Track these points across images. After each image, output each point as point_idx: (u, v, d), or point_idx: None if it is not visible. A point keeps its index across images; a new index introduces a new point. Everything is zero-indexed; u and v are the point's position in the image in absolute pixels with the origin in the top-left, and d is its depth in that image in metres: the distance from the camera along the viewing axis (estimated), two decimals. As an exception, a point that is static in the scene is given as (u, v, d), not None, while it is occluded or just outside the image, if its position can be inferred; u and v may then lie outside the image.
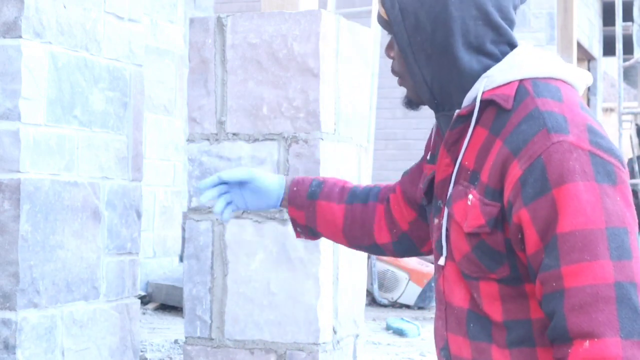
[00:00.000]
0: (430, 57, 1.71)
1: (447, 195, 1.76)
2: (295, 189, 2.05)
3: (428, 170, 1.89)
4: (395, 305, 7.79)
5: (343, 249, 3.33)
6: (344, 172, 3.33)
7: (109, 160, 3.72)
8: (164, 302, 6.89)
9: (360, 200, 2.07)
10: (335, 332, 3.27)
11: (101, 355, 3.67)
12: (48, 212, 3.40)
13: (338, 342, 3.30)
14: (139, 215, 3.90)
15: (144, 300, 6.91)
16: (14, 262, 3.28)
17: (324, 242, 3.18)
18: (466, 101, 1.73)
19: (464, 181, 1.72)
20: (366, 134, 3.56)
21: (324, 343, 3.19)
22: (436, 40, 1.70)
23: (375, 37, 8.30)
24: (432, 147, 1.91)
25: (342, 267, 3.32)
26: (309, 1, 3.44)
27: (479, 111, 1.71)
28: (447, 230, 1.75)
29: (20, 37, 3.31)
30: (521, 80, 1.70)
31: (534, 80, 1.71)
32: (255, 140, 3.25)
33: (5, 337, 3.29)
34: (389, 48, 1.76)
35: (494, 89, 1.70)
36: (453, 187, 1.74)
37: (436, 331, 1.84)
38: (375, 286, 7.79)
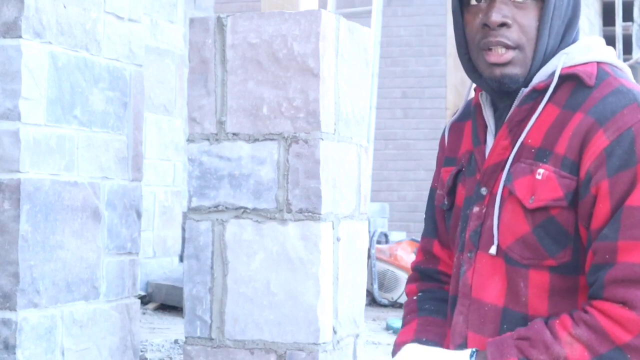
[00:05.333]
0: (560, 26, 1.68)
1: (495, 180, 1.69)
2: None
3: (447, 173, 1.84)
4: (395, 305, 7.78)
5: (343, 249, 3.33)
6: (344, 172, 3.34)
7: (109, 160, 3.72)
8: (164, 302, 6.89)
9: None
10: (335, 332, 3.27)
11: (101, 355, 3.67)
12: (48, 212, 3.40)
13: (338, 342, 3.30)
14: (139, 215, 3.90)
15: (144, 300, 6.91)
16: (14, 262, 3.28)
17: (324, 242, 3.19)
18: (539, 77, 1.69)
19: (526, 159, 1.65)
20: (366, 134, 3.56)
21: (324, 343, 3.19)
22: (570, 7, 1.69)
23: (376, 37, 8.30)
24: (450, 150, 1.85)
25: (342, 267, 3.32)
26: (309, 1, 3.44)
27: (553, 88, 1.67)
28: (499, 213, 1.67)
29: (20, 37, 3.31)
30: (599, 63, 1.69)
31: (610, 65, 1.70)
32: (255, 140, 3.25)
33: (5, 337, 3.29)
34: (504, 16, 1.65)
35: (573, 66, 1.67)
36: (511, 166, 1.67)
37: (454, 327, 1.75)
38: (375, 286, 7.78)
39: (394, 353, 1.83)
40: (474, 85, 1.81)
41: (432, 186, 1.93)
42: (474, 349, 1.64)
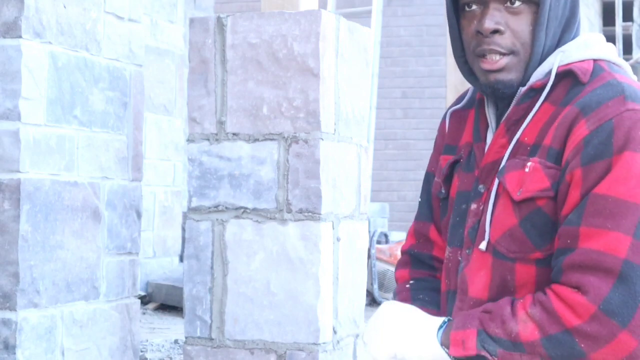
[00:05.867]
0: (557, 27, 1.69)
1: (492, 178, 1.71)
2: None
3: (445, 161, 1.85)
4: (395, 305, 7.77)
5: (343, 249, 3.33)
6: (344, 172, 3.34)
7: (109, 160, 3.72)
8: (164, 302, 6.89)
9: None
10: (335, 332, 3.27)
11: (101, 355, 3.67)
12: (48, 212, 3.40)
13: (338, 342, 3.30)
14: (139, 215, 3.90)
15: (144, 300, 6.91)
16: (14, 262, 3.28)
17: (324, 242, 3.18)
18: (536, 76, 1.70)
19: (521, 156, 1.67)
20: (366, 134, 3.56)
21: (324, 343, 3.19)
22: (567, 7, 1.70)
23: (376, 37, 8.30)
24: (451, 138, 1.86)
25: (342, 267, 3.32)
26: (309, 1, 3.43)
27: (550, 87, 1.67)
28: (492, 208, 1.68)
29: (20, 37, 3.31)
30: (595, 60, 1.69)
31: (607, 62, 1.70)
32: (255, 140, 3.25)
33: (5, 337, 3.29)
34: (497, 23, 1.66)
35: (569, 63, 1.68)
36: (507, 161, 1.68)
37: None
38: (375, 286, 7.78)
39: None
40: None
41: (428, 170, 1.94)
42: (446, 318, 1.68)
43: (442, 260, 1.91)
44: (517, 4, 1.67)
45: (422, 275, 1.94)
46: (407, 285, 1.93)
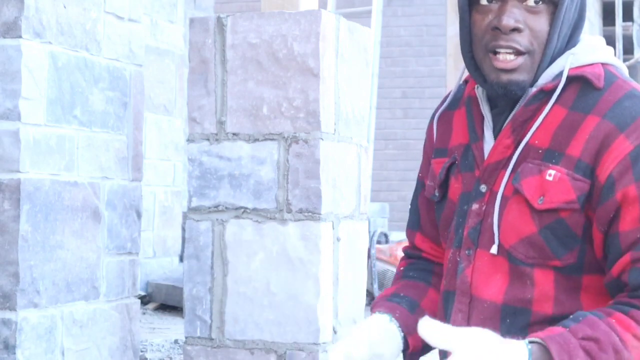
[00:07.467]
0: (568, 29, 1.69)
1: (495, 178, 1.68)
2: (397, 315, 1.76)
3: (438, 165, 1.82)
4: (395, 305, 7.76)
5: (343, 249, 3.33)
6: (344, 172, 3.34)
7: (109, 160, 3.72)
8: (164, 302, 6.89)
9: (432, 276, 1.89)
10: (335, 332, 3.27)
11: (101, 355, 3.67)
12: (48, 212, 3.40)
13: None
14: (139, 215, 3.90)
15: (144, 300, 6.91)
16: (14, 262, 3.28)
17: (324, 242, 3.18)
18: (545, 78, 1.68)
19: (534, 160, 1.64)
20: (366, 134, 3.56)
21: (324, 343, 3.19)
22: (577, 10, 1.69)
23: (376, 37, 8.30)
24: (439, 140, 1.84)
25: (342, 267, 3.32)
26: (309, 1, 3.43)
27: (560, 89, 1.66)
28: (499, 212, 1.66)
29: (20, 37, 3.31)
30: (604, 64, 1.69)
31: (613, 65, 1.70)
32: (255, 140, 3.25)
33: (5, 337, 3.29)
34: (516, 20, 1.64)
35: (579, 67, 1.67)
36: (517, 165, 1.66)
37: (453, 325, 1.70)
38: (375, 286, 7.78)
39: (372, 309, 1.80)
40: (466, 73, 1.78)
41: (419, 177, 1.91)
42: (527, 342, 1.52)
43: (431, 261, 1.90)
44: (539, 3, 1.65)
45: (415, 260, 1.93)
46: (402, 269, 1.92)
